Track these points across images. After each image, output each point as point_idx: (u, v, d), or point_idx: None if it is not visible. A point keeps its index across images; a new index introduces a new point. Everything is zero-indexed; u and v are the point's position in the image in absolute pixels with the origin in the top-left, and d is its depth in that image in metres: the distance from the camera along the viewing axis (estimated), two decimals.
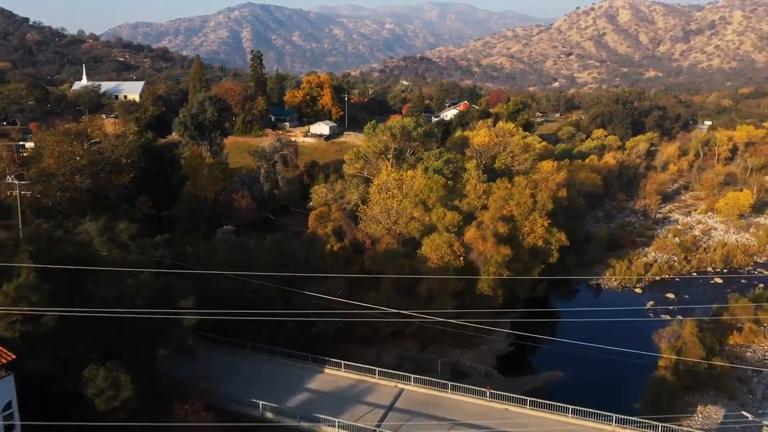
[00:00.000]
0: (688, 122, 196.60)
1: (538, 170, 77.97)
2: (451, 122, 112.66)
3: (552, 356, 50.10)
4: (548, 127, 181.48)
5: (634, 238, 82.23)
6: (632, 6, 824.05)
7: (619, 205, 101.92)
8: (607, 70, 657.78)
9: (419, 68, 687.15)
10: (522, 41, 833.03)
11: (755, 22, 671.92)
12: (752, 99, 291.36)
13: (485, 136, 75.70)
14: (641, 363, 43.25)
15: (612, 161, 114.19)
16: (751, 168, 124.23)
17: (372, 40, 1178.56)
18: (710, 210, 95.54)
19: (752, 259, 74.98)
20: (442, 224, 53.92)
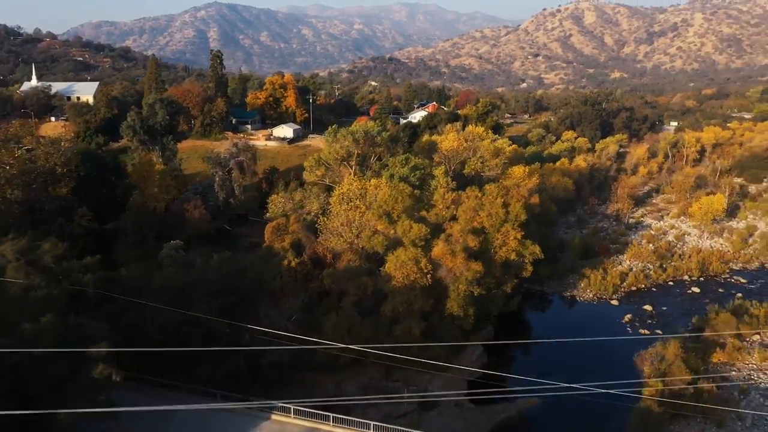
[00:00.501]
0: (655, 123, 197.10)
1: (510, 176, 74.56)
2: (419, 125, 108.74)
3: (527, 381, 46.30)
4: (517, 129, 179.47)
5: (608, 245, 79.48)
6: (597, 8, 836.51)
7: (591, 210, 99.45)
8: (574, 71, 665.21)
9: (388, 69, 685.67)
10: (490, 42, 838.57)
11: (715, 24, 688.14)
12: (715, 100, 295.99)
13: (454, 140, 71.91)
14: (625, 387, 39.81)
15: (583, 164, 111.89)
16: (720, 170, 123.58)
17: (341, 40, 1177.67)
18: (683, 214, 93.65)
19: (728, 266, 72.80)
20: (408, 238, 49.75)
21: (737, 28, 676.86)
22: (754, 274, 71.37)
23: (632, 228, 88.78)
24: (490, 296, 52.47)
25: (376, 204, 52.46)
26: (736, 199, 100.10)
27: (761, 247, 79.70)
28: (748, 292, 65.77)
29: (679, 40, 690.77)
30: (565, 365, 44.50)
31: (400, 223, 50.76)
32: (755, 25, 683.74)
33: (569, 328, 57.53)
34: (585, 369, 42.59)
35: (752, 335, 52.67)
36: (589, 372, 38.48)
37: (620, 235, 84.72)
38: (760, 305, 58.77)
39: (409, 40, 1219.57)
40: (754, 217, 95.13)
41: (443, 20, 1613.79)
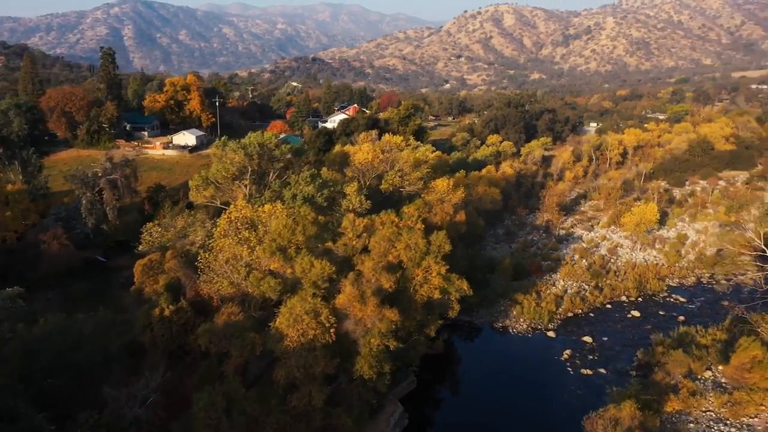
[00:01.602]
0: (576, 125, 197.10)
1: (432, 190, 66.39)
2: (335, 131, 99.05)
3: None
4: (442, 132, 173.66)
5: (539, 262, 72.92)
6: (516, 11, 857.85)
7: (520, 221, 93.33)
8: (495, 72, 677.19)
9: (312, 69, 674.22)
10: (413, 43, 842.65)
11: (626, 28, 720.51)
12: (629, 101, 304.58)
13: (368, 152, 62.72)
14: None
15: (509, 171, 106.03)
16: (645, 174, 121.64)
17: (264, 40, 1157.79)
18: (613, 223, 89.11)
19: (665, 284, 67.78)
20: (309, 279, 40.06)
21: (645, 32, 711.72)
22: (691, 291, 66.63)
23: (563, 241, 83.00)
24: (411, 343, 43.67)
25: (268, 237, 42.32)
26: (664, 205, 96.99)
27: (695, 259, 75.75)
28: (689, 313, 60.63)
29: (593, 42, 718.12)
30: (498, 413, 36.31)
31: (299, 259, 40.92)
32: (661, 29, 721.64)
33: (504, 371, 49.74)
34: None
35: (704, 371, 46.65)
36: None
37: (552, 249, 78.57)
38: (705, 331, 53.40)
39: (333, 41, 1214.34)
40: (683, 224, 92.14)
41: (367, 21, 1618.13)
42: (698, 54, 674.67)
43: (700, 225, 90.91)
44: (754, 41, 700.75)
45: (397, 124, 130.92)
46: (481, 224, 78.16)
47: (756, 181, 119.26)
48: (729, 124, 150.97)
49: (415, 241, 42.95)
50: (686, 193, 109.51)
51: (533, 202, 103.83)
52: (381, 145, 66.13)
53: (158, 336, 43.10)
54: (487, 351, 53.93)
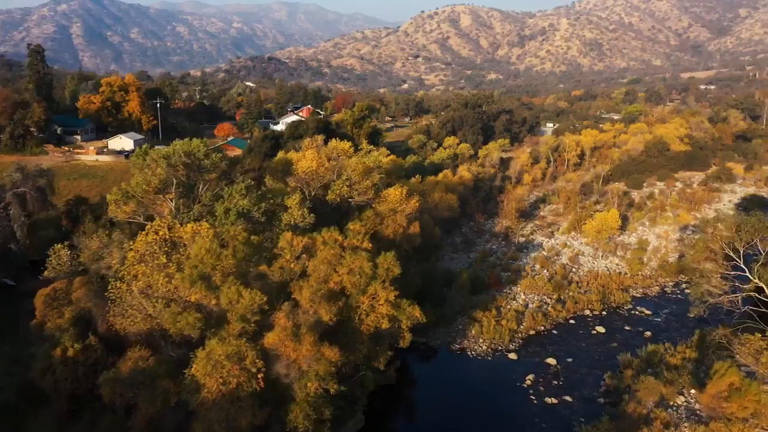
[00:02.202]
0: (533, 125, 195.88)
1: (384, 199, 61.38)
2: (282, 135, 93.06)
3: None
4: (398, 134, 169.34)
5: (499, 273, 68.88)
6: (472, 11, 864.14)
7: (479, 227, 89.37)
8: (453, 73, 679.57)
9: (268, 69, 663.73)
10: (371, 43, 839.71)
11: (579, 29, 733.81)
12: (584, 101, 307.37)
13: (313, 159, 57.22)
14: None
15: (467, 175, 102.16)
16: (603, 176, 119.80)
17: (219, 38, 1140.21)
18: (573, 229, 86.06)
19: (629, 295, 64.61)
20: (236, 312, 34.46)
21: (598, 33, 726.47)
22: (656, 303, 63.65)
23: (523, 249, 79.30)
24: (357, 379, 38.57)
25: (188, 263, 36.49)
26: (624, 209, 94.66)
27: (657, 267, 73.09)
28: (655, 327, 57.46)
29: (547, 43, 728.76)
30: None
31: (225, 288, 35.24)
32: (613, 30, 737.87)
33: (463, 402, 45.06)
34: None
35: (676, 397, 43.07)
36: None
37: (511, 259, 74.70)
38: (674, 349, 50.08)
39: (290, 40, 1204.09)
40: (643, 228, 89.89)
41: (324, 20, 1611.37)
42: (648, 55, 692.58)
43: (660, 229, 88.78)
44: (701, 43, 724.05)
45: (351, 126, 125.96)
46: (438, 234, 73.67)
47: (711, 182, 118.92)
48: (683, 125, 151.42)
49: (359, 264, 37.78)
50: (645, 196, 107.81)
51: (492, 206, 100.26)
52: (327, 152, 60.77)
53: (61, 380, 36.88)
54: (445, 378, 49.23)
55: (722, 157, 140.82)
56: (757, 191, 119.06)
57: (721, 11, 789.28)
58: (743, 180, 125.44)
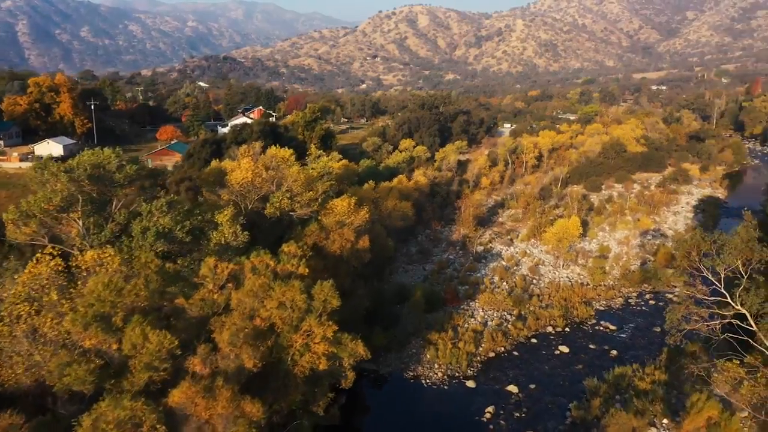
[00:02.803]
0: (491, 126, 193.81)
1: (331, 211, 56.17)
2: (224, 139, 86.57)
3: None
4: (353, 136, 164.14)
5: (456, 287, 64.48)
6: (430, 12, 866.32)
7: (435, 236, 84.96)
8: (411, 73, 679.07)
9: (223, 68, 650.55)
10: (329, 43, 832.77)
11: (534, 30, 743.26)
12: (541, 101, 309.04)
13: (248, 169, 51.46)
14: None
15: (423, 180, 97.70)
16: (561, 179, 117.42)
17: (174, 38, 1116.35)
18: (533, 236, 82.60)
19: (593, 308, 61.07)
20: (141, 360, 28.69)
21: (552, 34, 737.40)
22: (620, 316, 60.32)
23: (482, 259, 75.18)
24: (291, 429, 33.19)
25: (82, 301, 30.45)
26: (584, 214, 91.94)
27: (620, 276, 70.07)
28: (621, 345, 53.95)
29: (504, 44, 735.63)
30: None
31: (129, 330, 29.42)
32: (567, 32, 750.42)
33: None
34: None
35: (648, 430, 39.26)
36: None
37: (469, 271, 70.43)
38: (643, 371, 46.48)
39: (247, 39, 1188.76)
40: (603, 234, 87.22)
41: (282, 20, 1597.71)
42: (602, 56, 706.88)
43: (621, 234, 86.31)
44: (651, 44, 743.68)
45: (302, 129, 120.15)
46: (391, 245, 68.76)
47: (669, 184, 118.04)
48: (639, 126, 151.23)
49: (291, 296, 32.40)
50: (604, 199, 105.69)
51: (449, 212, 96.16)
52: (265, 161, 55.07)
53: None
54: (396, 412, 44.26)
55: (677, 158, 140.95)
56: (713, 192, 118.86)
57: (670, 14, 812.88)
58: (699, 181, 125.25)
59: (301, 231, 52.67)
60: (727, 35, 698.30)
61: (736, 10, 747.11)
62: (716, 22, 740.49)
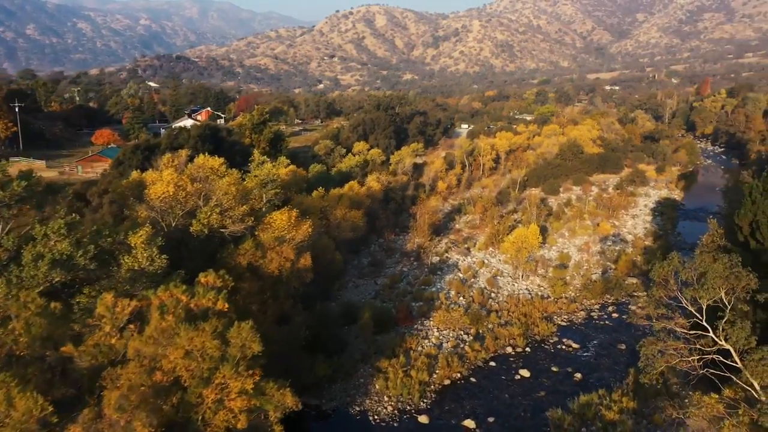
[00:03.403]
0: (448, 127, 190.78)
1: (269, 227, 50.72)
2: (159, 145, 79.66)
3: None
4: (307, 138, 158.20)
5: (409, 304, 59.78)
6: (387, 12, 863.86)
7: (388, 246, 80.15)
8: (369, 73, 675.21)
9: (176, 68, 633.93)
10: (286, 42, 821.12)
11: (490, 31, 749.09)
12: (497, 101, 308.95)
13: (171, 181, 45.40)
14: None
15: (376, 185, 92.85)
16: (519, 182, 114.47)
17: (125, 36, 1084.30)
18: (491, 244, 78.74)
19: (554, 324, 57.25)
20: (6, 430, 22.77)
21: (508, 35, 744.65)
22: (583, 332, 56.70)
23: (437, 271, 70.71)
24: None
25: None
26: (542, 219, 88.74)
27: (581, 286, 66.70)
28: (585, 366, 50.18)
29: (461, 44, 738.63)
30: None
31: None
32: (523, 32, 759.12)
33: None
34: None
35: None
36: None
37: (424, 285, 65.87)
38: (610, 397, 42.68)
39: (202, 38, 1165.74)
40: (563, 240, 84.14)
41: (238, 19, 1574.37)
42: (556, 57, 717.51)
43: (580, 240, 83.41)
44: (604, 45, 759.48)
45: (250, 131, 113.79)
46: (340, 260, 63.76)
47: (626, 185, 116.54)
48: (595, 127, 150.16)
49: (200, 343, 26.86)
50: (563, 203, 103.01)
51: (405, 219, 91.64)
52: (191, 171, 49.10)
53: None
54: None
55: (633, 159, 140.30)
56: (670, 193, 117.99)
57: (621, 15, 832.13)
58: (656, 182, 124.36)
59: (234, 250, 47.10)
60: (676, 37, 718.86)
61: (683, 13, 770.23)
62: (665, 24, 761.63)
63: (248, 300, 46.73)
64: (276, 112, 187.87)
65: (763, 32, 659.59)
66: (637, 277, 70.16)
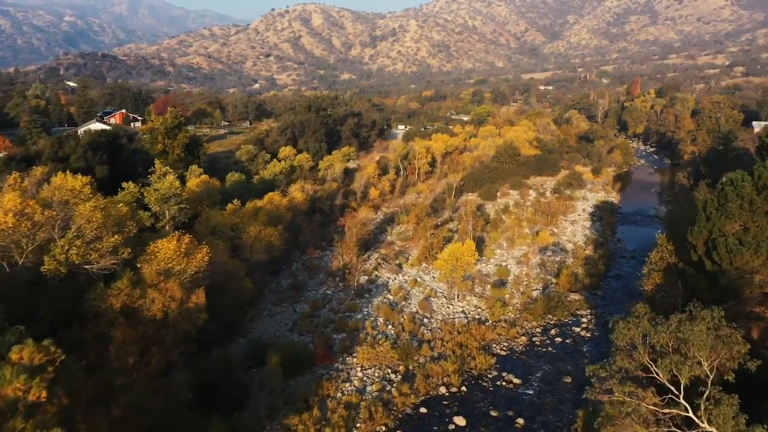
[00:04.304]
0: (384, 128, 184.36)
1: (152, 258, 41.91)
2: (40, 156, 68.49)
3: None
4: (232, 142, 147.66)
5: (330, 337, 52.12)
6: (323, 11, 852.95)
7: (312, 264, 72.18)
8: (306, 72, 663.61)
9: (102, 67, 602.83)
10: (220, 41, 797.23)
11: (427, 31, 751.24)
12: (434, 101, 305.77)
13: (12, 208, 35.82)
14: None
15: (300, 196, 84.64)
16: (455, 187, 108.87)
17: (49, 33, 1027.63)
18: (425, 259, 72.15)
19: (493, 356, 50.86)
20: None
21: (445, 35, 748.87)
22: (524, 363, 50.64)
23: (365, 293, 63.34)
24: None
25: None
26: (479, 229, 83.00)
27: (521, 306, 60.99)
28: (528, 406, 43.97)
29: (398, 44, 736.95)
30: None
31: None
32: (459, 33, 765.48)
33: None
34: None
35: None
36: None
37: (349, 311, 58.30)
38: None
39: (132, 36, 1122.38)
40: (501, 251, 78.61)
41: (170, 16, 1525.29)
42: (492, 57, 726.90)
43: (519, 251, 78.15)
44: (537, 46, 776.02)
45: (163, 136, 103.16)
46: (250, 288, 55.32)
47: (563, 188, 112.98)
48: (531, 128, 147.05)
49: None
50: (500, 209, 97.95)
51: (333, 231, 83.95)
52: (45, 195, 39.60)
53: None
54: None
55: (569, 160, 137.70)
56: (607, 196, 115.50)
57: (553, 17, 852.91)
58: (593, 184, 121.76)
59: (104, 290, 38.20)
60: (604, 38, 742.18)
61: (611, 15, 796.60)
62: (594, 26, 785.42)
63: (122, 351, 38.11)
64: (199, 114, 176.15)
65: (685, 34, 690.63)
66: (579, 293, 65.26)
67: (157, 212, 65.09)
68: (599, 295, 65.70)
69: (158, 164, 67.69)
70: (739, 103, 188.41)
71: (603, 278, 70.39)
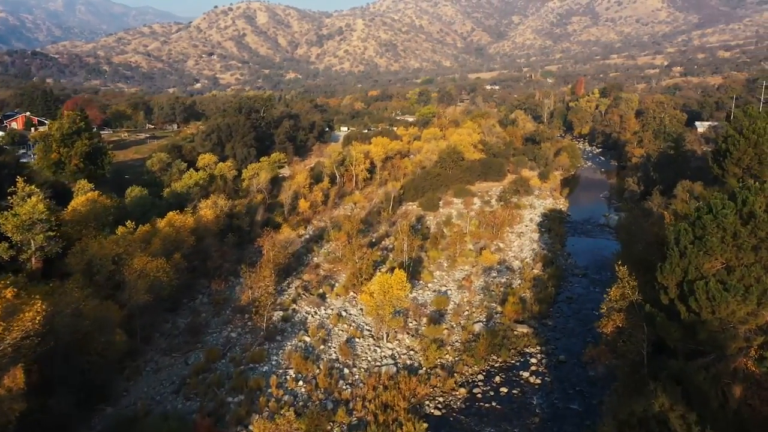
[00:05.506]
0: (324, 130, 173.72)
1: None
2: None
3: None
4: (152, 148, 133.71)
5: (222, 402, 41.52)
6: (269, 9, 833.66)
7: (218, 298, 61.11)
8: (250, 71, 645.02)
9: (32, 65, 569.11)
10: (160, 39, 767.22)
11: (374, 30, 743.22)
12: (380, 101, 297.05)
13: None
14: None
15: (209, 213, 73.25)
16: (394, 196, 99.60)
17: None
18: (352, 287, 62.36)
19: (424, 420, 41.35)
20: None
21: (392, 34, 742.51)
22: (464, 426, 41.42)
23: (276, 336, 52.91)
24: None
25: None
26: (418, 249, 73.79)
27: (461, 343, 52.01)
28: None
29: (345, 43, 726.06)
30: None
31: None
32: (406, 32, 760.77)
33: None
34: None
35: None
36: None
37: (252, 362, 47.78)
38: None
39: (69, 34, 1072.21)
40: (441, 273, 69.60)
41: (110, 13, 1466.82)
42: (439, 56, 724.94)
43: (461, 273, 69.37)
44: (483, 46, 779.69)
45: (58, 144, 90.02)
46: (121, 341, 44.05)
47: (509, 196, 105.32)
48: (476, 130, 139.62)
49: None
50: (442, 221, 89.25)
51: (251, 253, 73.17)
52: None
53: None
54: None
55: (516, 163, 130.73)
56: (555, 203, 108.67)
57: (498, 17, 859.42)
58: (540, 191, 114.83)
59: None
60: (548, 38, 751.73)
61: (554, 16, 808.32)
62: (538, 27, 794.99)
63: None
64: (119, 116, 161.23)
65: (625, 35, 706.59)
66: (527, 323, 56.84)
67: (18, 242, 52.96)
68: (549, 325, 57.42)
69: (20, 183, 55.45)
70: (680, 103, 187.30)
71: (553, 303, 62.32)
